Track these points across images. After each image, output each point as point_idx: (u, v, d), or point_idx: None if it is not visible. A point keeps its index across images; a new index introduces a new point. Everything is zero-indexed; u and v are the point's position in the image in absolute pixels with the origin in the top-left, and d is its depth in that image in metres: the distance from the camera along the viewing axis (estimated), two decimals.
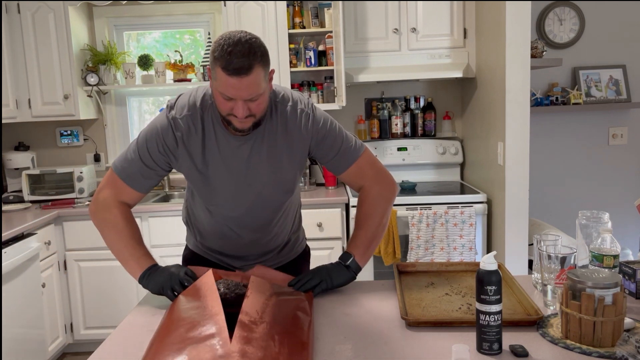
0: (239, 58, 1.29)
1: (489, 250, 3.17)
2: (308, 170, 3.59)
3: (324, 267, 1.57)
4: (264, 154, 1.51)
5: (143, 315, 1.44)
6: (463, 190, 3.33)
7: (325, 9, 3.46)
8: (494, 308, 1.12)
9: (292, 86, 3.52)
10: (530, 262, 2.86)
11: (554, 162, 3.71)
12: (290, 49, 3.41)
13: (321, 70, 3.52)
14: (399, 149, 3.66)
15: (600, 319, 1.13)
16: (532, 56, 3.08)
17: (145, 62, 3.65)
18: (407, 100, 3.74)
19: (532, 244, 1.56)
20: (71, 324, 3.31)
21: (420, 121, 3.73)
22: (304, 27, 3.50)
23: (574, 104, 3.52)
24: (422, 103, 3.76)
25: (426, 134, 3.73)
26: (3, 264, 2.60)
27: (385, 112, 3.71)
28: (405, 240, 3.11)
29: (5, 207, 3.37)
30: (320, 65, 3.50)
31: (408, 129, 3.74)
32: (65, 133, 3.80)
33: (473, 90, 3.43)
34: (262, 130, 1.49)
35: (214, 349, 1.07)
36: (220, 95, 1.36)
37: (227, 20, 3.34)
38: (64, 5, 3.37)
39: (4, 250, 2.65)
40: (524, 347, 1.14)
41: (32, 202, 3.52)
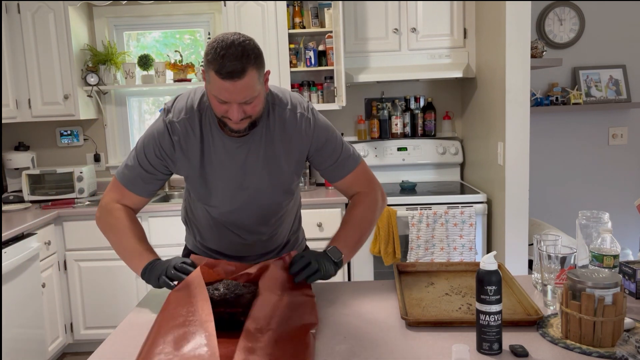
0: (232, 61, 1.27)
1: (489, 250, 3.17)
2: (308, 170, 3.59)
3: (320, 257, 1.46)
4: (261, 157, 1.50)
5: (143, 315, 1.44)
6: (463, 190, 3.33)
7: (325, 9, 3.46)
8: (494, 308, 1.12)
9: (292, 86, 3.52)
10: (530, 262, 2.86)
11: (554, 162, 3.71)
12: (290, 49, 3.41)
13: (321, 70, 3.52)
14: (399, 149, 3.66)
15: (600, 319, 1.13)
16: (532, 56, 3.08)
17: (145, 62, 3.65)
18: (407, 100, 3.74)
19: (532, 244, 1.56)
20: (71, 324, 3.31)
21: (420, 121, 3.73)
22: (304, 27, 3.50)
23: (574, 104, 3.51)
24: (422, 103, 3.76)
25: (426, 134, 3.73)
26: (3, 264, 2.60)
27: (385, 112, 3.71)
28: (405, 240, 3.11)
29: (5, 207, 3.37)
30: (320, 65, 3.50)
31: (408, 129, 3.74)
32: (65, 133, 3.80)
33: (473, 90, 3.43)
34: (260, 133, 1.49)
35: None
36: (215, 99, 1.35)
37: (227, 20, 3.34)
38: (64, 5, 3.37)
39: (4, 250, 2.65)
40: (524, 347, 1.14)
41: (32, 202, 3.52)
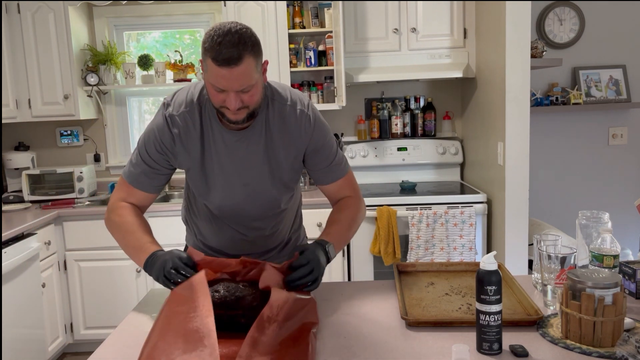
0: (229, 48, 1.27)
1: (489, 250, 3.17)
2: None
3: (319, 262, 1.41)
4: (260, 151, 1.51)
5: (143, 315, 1.44)
6: (463, 190, 3.33)
7: (325, 9, 3.46)
8: (494, 308, 1.12)
9: (292, 86, 3.51)
10: (530, 262, 2.86)
11: (554, 162, 3.71)
12: (290, 49, 3.41)
13: (321, 70, 3.52)
14: (399, 149, 3.66)
15: (600, 319, 1.13)
16: (532, 56, 3.08)
17: (145, 62, 3.65)
18: (407, 100, 3.74)
19: (532, 244, 1.56)
20: (71, 324, 3.31)
21: (420, 121, 3.73)
22: (304, 27, 3.50)
23: (574, 104, 3.51)
24: (422, 103, 3.75)
25: (426, 134, 3.73)
26: (3, 264, 2.60)
27: (385, 112, 3.71)
28: (405, 240, 3.11)
29: (5, 207, 3.37)
30: (320, 65, 3.50)
31: (408, 129, 3.74)
32: (65, 133, 3.80)
33: (473, 90, 3.43)
34: (259, 127, 1.49)
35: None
36: (212, 87, 1.35)
37: (227, 20, 3.34)
38: (64, 5, 3.37)
39: (4, 250, 2.65)
40: (524, 347, 1.14)
41: (32, 202, 3.52)
